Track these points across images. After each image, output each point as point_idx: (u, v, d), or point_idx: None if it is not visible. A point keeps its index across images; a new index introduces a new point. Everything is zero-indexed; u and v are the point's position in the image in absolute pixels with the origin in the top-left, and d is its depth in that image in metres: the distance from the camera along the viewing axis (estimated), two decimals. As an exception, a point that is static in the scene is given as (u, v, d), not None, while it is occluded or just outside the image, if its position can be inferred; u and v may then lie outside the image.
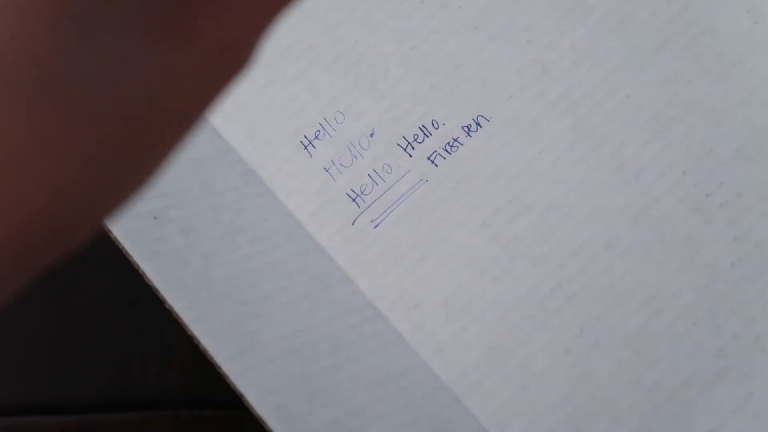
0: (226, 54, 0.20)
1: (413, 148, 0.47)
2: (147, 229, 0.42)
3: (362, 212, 0.46)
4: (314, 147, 0.47)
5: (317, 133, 0.47)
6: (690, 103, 0.46)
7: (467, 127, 0.47)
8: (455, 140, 0.46)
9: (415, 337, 0.43)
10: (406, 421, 0.42)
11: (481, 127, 0.47)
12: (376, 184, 0.46)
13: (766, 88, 0.46)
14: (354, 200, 0.46)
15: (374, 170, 0.46)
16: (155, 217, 0.42)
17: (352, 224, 0.45)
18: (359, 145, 0.47)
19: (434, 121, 0.47)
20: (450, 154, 0.46)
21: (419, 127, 0.47)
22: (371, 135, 0.47)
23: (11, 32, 0.16)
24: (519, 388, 0.42)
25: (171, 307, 0.41)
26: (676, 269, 0.43)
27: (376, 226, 0.45)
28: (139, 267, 0.42)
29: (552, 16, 0.48)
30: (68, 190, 0.18)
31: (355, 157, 0.47)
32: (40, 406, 0.49)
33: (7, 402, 0.49)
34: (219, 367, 0.41)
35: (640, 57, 0.47)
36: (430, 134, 0.47)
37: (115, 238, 0.41)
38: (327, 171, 0.46)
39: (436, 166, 0.46)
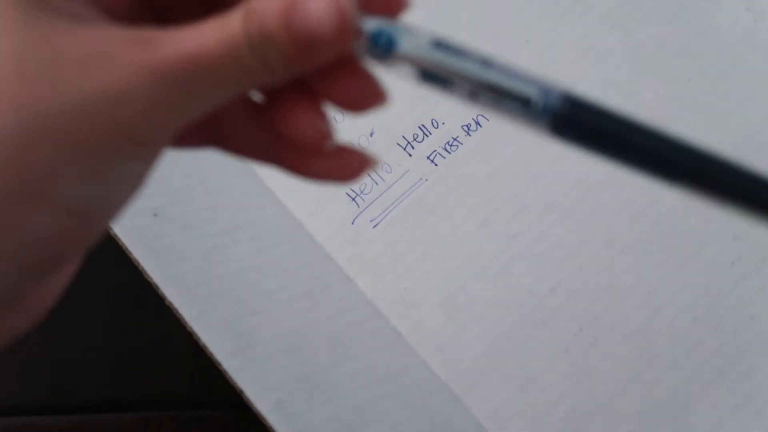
0: None
1: (413, 148, 0.47)
2: (147, 227, 0.42)
3: (362, 211, 0.46)
4: (314, 146, 0.47)
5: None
6: (689, 102, 0.46)
7: (467, 126, 0.47)
8: (455, 139, 0.47)
9: (414, 335, 0.43)
10: (405, 419, 0.42)
11: (480, 126, 0.47)
12: (376, 183, 0.46)
13: (766, 87, 0.46)
14: (353, 199, 0.46)
15: (374, 169, 0.46)
16: (155, 215, 0.42)
17: (352, 223, 0.46)
18: (359, 144, 0.47)
19: (434, 121, 0.47)
20: (450, 153, 0.46)
21: (419, 127, 0.47)
22: (371, 134, 0.47)
23: None
24: (518, 386, 0.42)
25: (171, 303, 0.41)
26: (676, 268, 0.43)
27: (376, 225, 0.45)
28: (139, 264, 0.42)
29: (551, 15, 0.48)
30: None
31: (355, 157, 0.47)
32: (40, 406, 0.49)
33: (8, 402, 0.49)
34: (219, 364, 0.41)
35: (640, 56, 0.47)
36: (430, 134, 0.47)
37: (115, 235, 0.41)
38: (327, 170, 0.46)
39: (436, 165, 0.46)
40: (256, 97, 0.26)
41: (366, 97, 0.25)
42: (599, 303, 0.43)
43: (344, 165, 0.25)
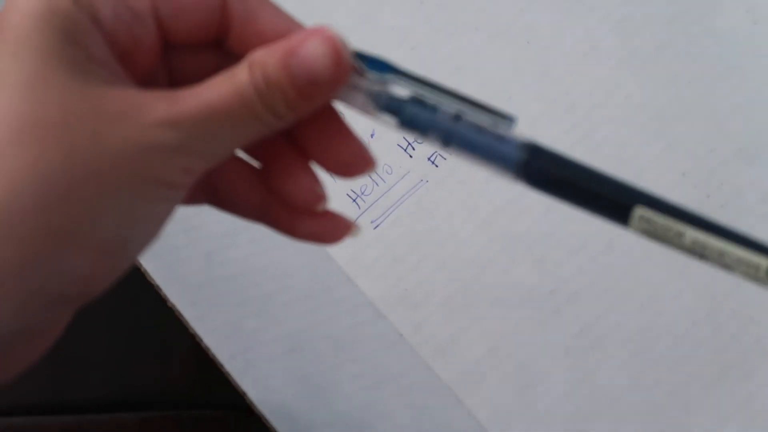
0: None
1: (413, 149, 0.47)
2: (149, 228, 0.42)
3: (362, 213, 0.46)
4: (315, 147, 0.47)
5: (318, 133, 0.47)
6: (690, 104, 0.46)
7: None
8: (456, 141, 0.47)
9: (415, 337, 0.43)
10: (406, 420, 0.42)
11: (481, 127, 0.47)
12: (377, 184, 0.46)
13: (766, 88, 0.46)
14: (354, 201, 0.46)
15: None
16: (157, 216, 0.42)
17: (353, 224, 0.46)
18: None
19: (435, 122, 0.47)
20: (450, 154, 0.46)
21: (420, 128, 0.47)
22: (372, 135, 0.47)
23: None
24: (519, 388, 0.42)
25: (173, 305, 0.41)
26: (677, 270, 0.44)
27: (377, 226, 0.45)
28: (141, 265, 0.42)
29: (552, 16, 0.48)
30: None
31: (356, 158, 0.47)
32: (40, 406, 0.49)
33: (8, 402, 0.49)
34: (221, 366, 0.41)
35: (641, 57, 0.47)
36: (431, 135, 0.47)
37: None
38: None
39: (437, 166, 0.46)
40: (255, 163, 0.29)
41: (356, 162, 0.28)
42: (600, 305, 0.43)
43: (330, 228, 0.29)
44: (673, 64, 0.47)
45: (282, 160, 0.28)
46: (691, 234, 0.25)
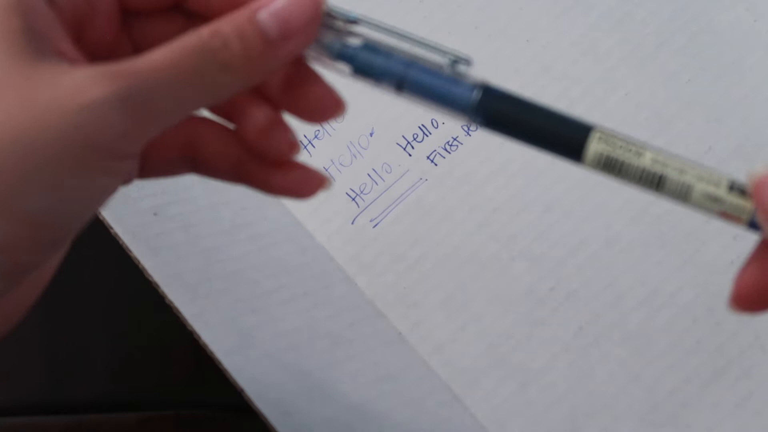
0: None
1: (413, 147, 0.47)
2: (147, 225, 0.42)
3: (362, 211, 0.46)
4: (314, 146, 0.47)
5: (317, 132, 0.47)
6: (689, 101, 0.46)
7: (467, 126, 0.47)
8: (455, 139, 0.47)
9: (414, 335, 0.43)
10: (405, 418, 0.42)
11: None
12: (376, 183, 0.46)
13: (765, 86, 0.46)
14: (353, 199, 0.46)
15: (374, 169, 0.46)
16: (155, 214, 0.42)
17: (352, 223, 0.46)
18: (359, 144, 0.47)
19: (434, 120, 0.47)
20: (449, 153, 0.46)
21: (419, 126, 0.47)
22: (371, 134, 0.47)
23: None
24: (518, 386, 0.42)
25: (171, 302, 0.41)
26: (676, 267, 0.43)
27: (376, 225, 0.45)
28: (139, 262, 0.42)
29: (551, 14, 0.48)
30: None
31: (355, 157, 0.47)
32: (40, 406, 0.49)
33: (7, 402, 0.49)
34: (219, 362, 0.41)
35: (640, 55, 0.47)
36: (430, 133, 0.47)
37: (116, 234, 0.41)
38: (326, 170, 0.46)
39: (436, 165, 0.46)
40: (230, 125, 0.29)
41: (326, 106, 0.28)
42: (599, 302, 0.43)
43: (303, 181, 0.29)
44: (672, 63, 0.47)
45: (252, 114, 0.28)
46: (651, 151, 0.25)
